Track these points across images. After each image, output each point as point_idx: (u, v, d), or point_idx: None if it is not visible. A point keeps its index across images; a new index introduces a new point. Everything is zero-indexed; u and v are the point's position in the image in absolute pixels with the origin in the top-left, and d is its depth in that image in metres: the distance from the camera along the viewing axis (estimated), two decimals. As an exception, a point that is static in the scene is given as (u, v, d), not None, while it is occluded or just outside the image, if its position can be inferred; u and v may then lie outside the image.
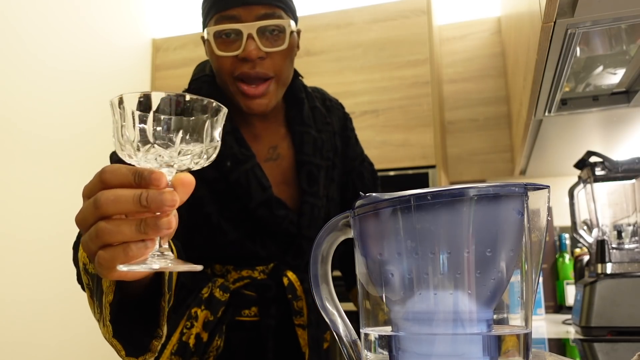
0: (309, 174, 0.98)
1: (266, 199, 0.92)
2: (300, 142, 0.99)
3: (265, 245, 0.95)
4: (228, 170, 0.91)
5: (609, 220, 1.32)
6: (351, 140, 1.12)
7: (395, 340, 0.41)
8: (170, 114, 0.45)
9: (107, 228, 0.45)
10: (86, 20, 2.31)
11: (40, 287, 1.96)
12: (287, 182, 0.99)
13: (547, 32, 0.79)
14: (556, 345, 1.15)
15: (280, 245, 0.96)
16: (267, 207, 0.92)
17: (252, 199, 0.91)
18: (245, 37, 0.85)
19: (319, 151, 1.01)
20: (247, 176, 0.91)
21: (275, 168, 0.98)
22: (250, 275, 0.95)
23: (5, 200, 1.85)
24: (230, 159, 0.91)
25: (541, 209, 0.41)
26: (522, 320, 0.41)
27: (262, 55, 0.87)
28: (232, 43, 0.87)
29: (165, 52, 2.66)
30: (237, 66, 0.88)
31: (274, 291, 0.94)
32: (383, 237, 0.42)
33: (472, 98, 2.37)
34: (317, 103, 1.07)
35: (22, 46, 1.96)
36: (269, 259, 0.96)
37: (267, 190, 0.92)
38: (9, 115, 1.88)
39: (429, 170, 2.12)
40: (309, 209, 0.97)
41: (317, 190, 0.98)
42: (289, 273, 0.95)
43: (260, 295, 0.94)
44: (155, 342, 0.65)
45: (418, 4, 2.25)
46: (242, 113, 0.95)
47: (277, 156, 0.99)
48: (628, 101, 1.16)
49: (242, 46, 0.86)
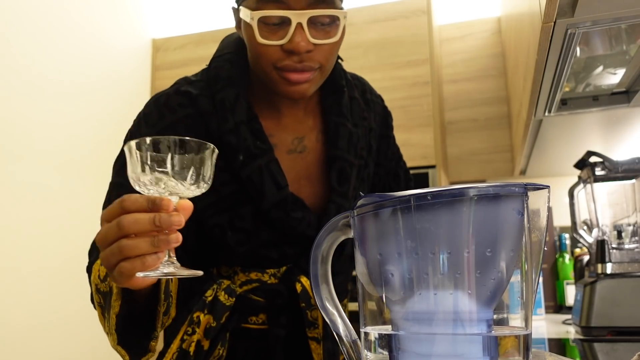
0: (341, 171, 0.88)
1: (281, 199, 0.82)
2: (335, 134, 0.89)
3: (281, 250, 0.86)
4: (240, 165, 0.82)
5: (609, 220, 1.32)
6: (391, 140, 1.04)
7: (395, 340, 0.41)
8: (173, 154, 0.57)
9: (128, 244, 0.56)
10: (86, 20, 2.31)
11: (40, 289, 1.96)
12: (310, 177, 0.89)
13: (547, 32, 0.79)
14: (556, 345, 1.15)
15: (295, 248, 0.87)
16: (282, 208, 0.82)
17: (265, 198, 0.82)
18: (293, 27, 0.74)
19: (354, 147, 0.90)
20: (261, 172, 0.82)
21: (299, 161, 0.89)
22: (260, 279, 0.86)
23: (5, 201, 1.85)
24: (243, 153, 0.82)
25: (541, 209, 0.41)
26: (522, 321, 0.41)
27: (310, 48, 0.76)
28: (277, 30, 0.76)
29: (165, 52, 2.66)
30: (280, 57, 0.77)
31: (286, 298, 0.85)
32: (383, 237, 0.42)
33: (472, 98, 2.37)
34: (356, 94, 0.96)
35: (22, 46, 1.96)
36: (282, 262, 0.87)
37: (283, 189, 0.82)
38: (9, 116, 1.88)
39: (429, 170, 2.12)
40: (335, 210, 0.86)
41: (347, 190, 0.88)
42: (303, 279, 0.85)
43: (270, 302, 0.85)
44: (153, 343, 0.74)
45: (418, 4, 2.25)
46: (269, 98, 0.87)
47: (302, 148, 0.89)
48: (628, 101, 1.16)
49: (289, 36, 0.74)
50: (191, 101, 0.84)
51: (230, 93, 0.83)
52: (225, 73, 0.85)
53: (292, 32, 0.74)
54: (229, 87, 0.84)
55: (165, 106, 0.83)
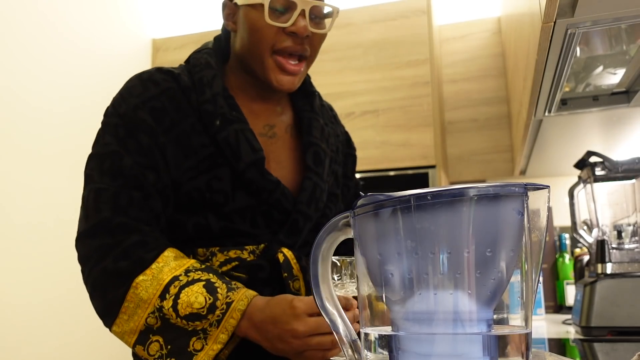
0: (316, 154, 0.95)
1: (257, 159, 0.86)
2: (309, 126, 0.97)
3: (256, 223, 0.88)
4: (217, 129, 0.87)
5: (609, 220, 1.32)
6: (354, 163, 1.13)
7: (395, 340, 0.41)
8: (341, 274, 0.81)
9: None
10: (86, 21, 2.32)
11: (39, 288, 1.96)
12: (281, 162, 0.94)
13: (547, 32, 0.79)
14: (556, 345, 1.15)
15: (272, 222, 0.89)
16: (258, 168, 0.86)
17: (241, 159, 0.86)
18: (298, 11, 0.84)
19: (326, 140, 0.99)
20: (237, 135, 0.87)
21: (269, 145, 0.94)
22: (239, 257, 0.87)
23: (5, 201, 1.85)
24: (220, 118, 0.87)
25: (541, 209, 0.41)
26: (522, 320, 0.41)
27: (309, 33, 0.87)
28: (281, 15, 0.85)
29: (165, 52, 2.66)
30: (281, 39, 0.86)
31: (268, 272, 0.87)
32: (383, 237, 0.42)
33: (472, 98, 2.37)
34: (325, 103, 1.09)
35: (22, 46, 1.96)
36: (260, 239, 0.88)
37: (257, 152, 0.87)
38: (9, 116, 1.88)
39: (429, 170, 2.12)
40: (311, 186, 0.91)
41: (321, 171, 0.94)
42: (284, 250, 0.87)
43: (252, 277, 0.86)
44: None
45: (418, 4, 2.25)
46: (244, 88, 0.94)
47: (272, 134, 0.95)
48: (628, 101, 1.16)
49: (293, 19, 0.84)
50: (173, 77, 0.90)
51: (208, 73, 0.91)
52: (204, 61, 0.93)
53: (296, 17, 0.84)
54: (207, 69, 0.91)
55: (149, 80, 0.89)
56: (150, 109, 0.86)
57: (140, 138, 0.84)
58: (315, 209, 0.93)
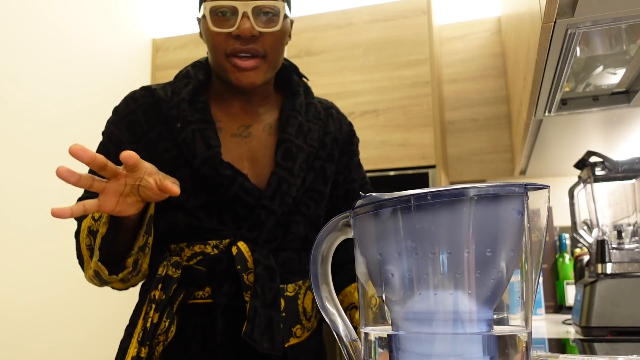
0: (287, 150, 0.97)
1: (210, 156, 0.91)
2: (285, 123, 1.00)
3: (223, 220, 0.93)
4: (177, 131, 0.94)
5: (609, 220, 1.32)
6: (356, 156, 1.13)
7: (395, 340, 0.41)
8: None
9: None
10: (86, 21, 2.32)
11: (38, 288, 1.96)
12: (254, 160, 0.98)
13: (547, 32, 0.79)
14: (556, 345, 1.15)
15: (238, 219, 0.93)
16: (211, 165, 0.91)
17: (196, 156, 0.91)
18: (240, 15, 0.89)
19: (303, 135, 1.00)
20: (194, 134, 0.93)
21: (242, 145, 0.98)
22: (203, 251, 0.93)
23: (5, 201, 1.85)
24: (181, 121, 0.94)
25: (541, 209, 0.41)
26: (522, 320, 0.41)
27: (255, 34, 0.90)
28: (227, 21, 0.91)
29: (165, 52, 2.66)
30: (230, 43, 0.91)
31: (225, 264, 0.90)
32: (383, 237, 0.42)
33: (472, 98, 2.37)
34: (315, 101, 1.08)
35: (22, 46, 1.96)
36: (224, 234, 0.93)
37: (212, 148, 0.92)
38: (9, 116, 1.88)
39: (429, 170, 2.12)
40: (276, 180, 0.94)
41: (291, 166, 0.96)
42: (240, 243, 0.91)
43: (211, 270, 0.91)
44: (129, 260, 0.86)
45: (418, 4, 2.25)
46: (221, 93, 1.00)
47: (247, 134, 0.99)
48: (628, 101, 1.16)
49: (237, 24, 0.89)
50: (151, 93, 1.00)
51: (182, 82, 0.99)
52: (184, 72, 1.02)
53: (239, 20, 0.89)
54: (183, 79, 1.00)
55: (130, 98, 1.00)
56: (126, 123, 0.97)
57: (109, 147, 0.96)
58: (281, 203, 0.93)
